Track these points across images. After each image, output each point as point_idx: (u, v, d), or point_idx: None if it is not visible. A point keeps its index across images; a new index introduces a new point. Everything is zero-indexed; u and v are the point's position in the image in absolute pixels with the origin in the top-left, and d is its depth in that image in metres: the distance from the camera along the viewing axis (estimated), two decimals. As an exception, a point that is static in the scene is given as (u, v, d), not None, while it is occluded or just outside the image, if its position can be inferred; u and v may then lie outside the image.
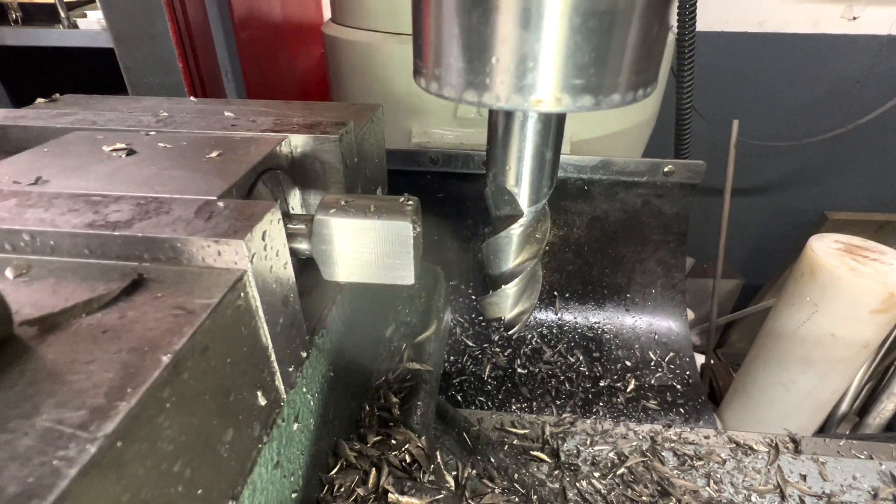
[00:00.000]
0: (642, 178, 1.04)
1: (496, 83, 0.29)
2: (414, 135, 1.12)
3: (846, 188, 2.27)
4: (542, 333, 1.08)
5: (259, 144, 0.50)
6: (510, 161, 0.39)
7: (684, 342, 1.06)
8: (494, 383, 0.96)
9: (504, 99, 0.30)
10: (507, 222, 0.44)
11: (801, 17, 1.95)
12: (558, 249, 1.11)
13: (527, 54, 0.27)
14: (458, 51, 0.29)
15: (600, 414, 0.91)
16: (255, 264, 0.34)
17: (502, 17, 0.27)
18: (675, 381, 0.97)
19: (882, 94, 1.87)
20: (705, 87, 2.04)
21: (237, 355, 0.33)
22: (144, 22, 1.23)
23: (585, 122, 1.14)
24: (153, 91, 1.33)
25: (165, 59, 1.28)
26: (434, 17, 0.30)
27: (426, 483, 0.59)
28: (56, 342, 0.27)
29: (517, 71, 0.28)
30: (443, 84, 0.32)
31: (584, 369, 1.00)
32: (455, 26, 0.29)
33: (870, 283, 0.98)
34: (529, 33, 0.27)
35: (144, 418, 0.25)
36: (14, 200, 0.37)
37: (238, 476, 0.35)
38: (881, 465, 0.71)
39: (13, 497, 0.20)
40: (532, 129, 0.36)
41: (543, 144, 0.37)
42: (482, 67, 0.29)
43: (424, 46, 0.31)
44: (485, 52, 0.28)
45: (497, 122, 0.37)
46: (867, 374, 1.42)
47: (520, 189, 0.41)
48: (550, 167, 0.40)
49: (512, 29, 0.27)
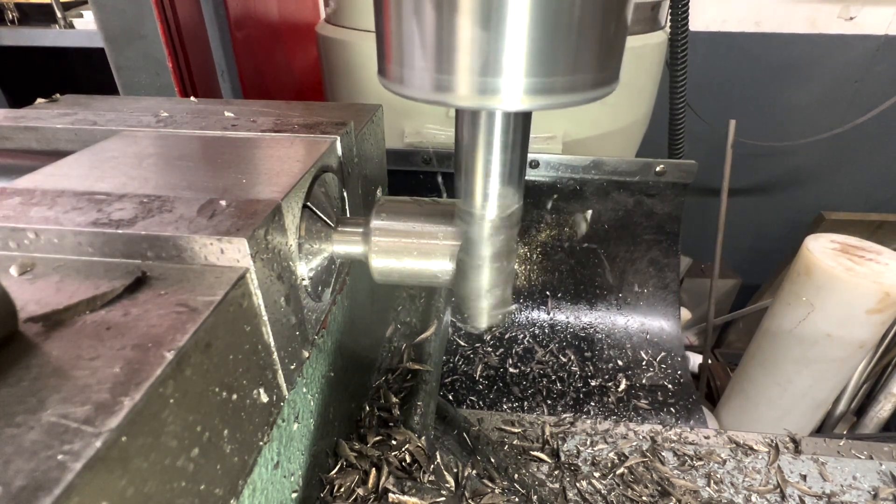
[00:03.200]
0: (634, 177, 1.04)
1: (459, 83, 0.29)
2: (406, 134, 1.12)
3: (844, 188, 2.28)
4: (535, 333, 1.09)
5: (311, 146, 0.50)
6: (477, 163, 0.38)
7: (676, 342, 1.07)
8: (486, 383, 0.97)
9: (467, 98, 0.29)
10: (477, 234, 0.42)
11: (798, 17, 1.97)
12: (550, 249, 1.11)
13: (488, 53, 0.27)
14: (420, 51, 0.29)
15: (591, 413, 0.91)
16: (257, 262, 0.35)
17: (462, 17, 0.27)
18: (666, 381, 0.98)
19: (879, 93, 1.88)
20: (703, 87, 2.05)
21: (239, 352, 0.34)
22: (134, 21, 1.23)
23: (578, 123, 1.14)
24: (144, 91, 1.33)
25: (156, 59, 1.28)
26: (394, 16, 0.29)
27: (426, 483, 0.59)
28: (61, 339, 0.27)
29: (480, 70, 0.28)
30: (405, 84, 0.31)
31: (576, 369, 1.00)
32: (415, 26, 0.29)
33: (865, 283, 0.98)
34: (489, 32, 0.27)
35: (148, 414, 0.25)
36: (18, 199, 0.37)
37: (240, 473, 0.35)
38: (881, 465, 0.72)
39: (20, 490, 0.20)
40: (498, 129, 0.36)
41: (510, 144, 0.37)
42: (444, 67, 0.29)
43: (386, 46, 0.31)
44: (446, 51, 0.28)
45: (463, 122, 0.37)
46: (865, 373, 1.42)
47: (489, 194, 0.39)
48: (518, 168, 0.39)
49: (472, 28, 0.27)
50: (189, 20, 1.35)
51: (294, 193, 0.42)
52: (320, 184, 0.48)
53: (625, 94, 1.17)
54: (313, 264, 0.46)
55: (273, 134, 0.54)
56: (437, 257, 0.47)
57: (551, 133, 1.11)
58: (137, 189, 0.40)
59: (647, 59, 1.16)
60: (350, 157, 0.57)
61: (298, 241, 0.43)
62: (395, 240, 0.47)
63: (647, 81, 1.23)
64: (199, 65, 1.43)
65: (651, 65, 1.19)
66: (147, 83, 1.32)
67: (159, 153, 0.49)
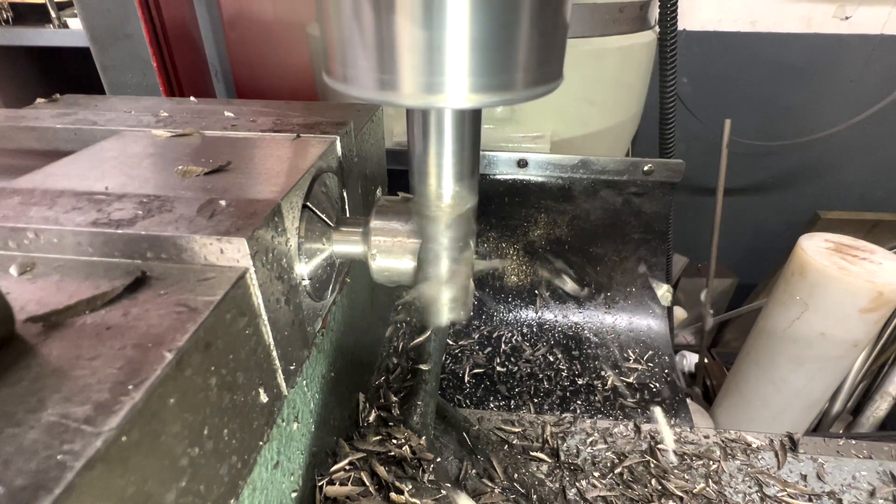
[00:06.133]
0: (622, 177, 1.04)
1: (403, 82, 0.29)
2: (395, 134, 1.12)
3: (839, 187, 2.29)
4: (523, 332, 1.09)
5: (311, 146, 0.50)
6: (429, 162, 0.38)
7: (663, 341, 1.07)
8: (473, 381, 0.97)
9: (412, 97, 0.29)
10: (433, 231, 0.42)
11: (793, 16, 1.97)
12: (540, 248, 1.11)
13: (431, 52, 0.27)
14: (362, 50, 0.29)
15: (577, 412, 0.92)
16: (257, 262, 0.35)
17: (400, 16, 0.27)
18: (653, 380, 0.98)
19: (874, 93, 1.89)
20: (698, 86, 2.06)
21: (239, 352, 0.34)
22: (119, 21, 1.23)
23: (567, 122, 1.14)
24: (131, 91, 1.33)
25: (141, 59, 1.28)
26: (336, 15, 0.29)
27: (426, 483, 0.59)
28: (61, 339, 0.27)
29: (423, 69, 0.28)
30: (350, 83, 0.31)
31: (563, 368, 1.01)
32: (356, 26, 0.28)
33: (859, 282, 0.99)
34: (431, 31, 0.27)
35: (148, 413, 0.25)
36: (18, 198, 0.37)
37: (239, 473, 0.35)
38: (880, 465, 0.72)
39: (20, 489, 0.20)
40: (448, 126, 0.35)
41: (460, 142, 0.37)
42: (387, 66, 0.29)
43: (329, 45, 0.31)
44: (388, 51, 0.28)
45: (412, 121, 0.37)
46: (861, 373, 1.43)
47: (442, 192, 0.39)
48: (470, 165, 0.39)
49: (413, 28, 0.27)
50: (177, 20, 1.34)
51: (294, 193, 0.42)
52: (320, 183, 0.48)
53: (614, 94, 1.18)
54: (313, 264, 0.46)
55: (273, 134, 0.54)
56: None
57: (540, 132, 1.11)
58: (137, 189, 0.40)
59: (636, 58, 1.16)
60: (350, 156, 0.58)
61: (298, 240, 0.43)
62: (394, 240, 0.48)
63: (637, 81, 1.23)
64: (191, 65, 1.42)
65: (640, 64, 1.20)
66: (134, 83, 1.31)
67: (159, 153, 0.48)
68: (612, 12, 1.06)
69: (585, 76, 1.09)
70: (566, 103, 1.12)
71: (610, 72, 1.12)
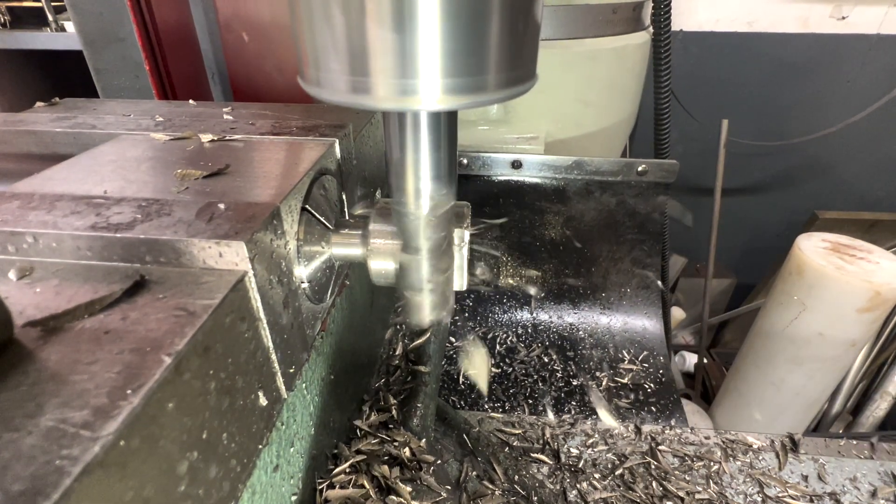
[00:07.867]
0: (616, 177, 1.05)
1: (376, 85, 0.29)
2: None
3: (837, 187, 2.29)
4: (518, 333, 1.09)
5: (309, 149, 0.50)
6: (406, 163, 0.38)
7: (658, 341, 1.08)
8: (467, 382, 0.97)
9: (385, 100, 0.29)
10: (413, 231, 0.42)
11: (790, 16, 1.98)
12: (535, 249, 1.12)
13: (403, 55, 0.28)
14: (335, 54, 0.29)
15: (571, 413, 0.92)
16: (256, 265, 0.34)
17: (371, 20, 0.27)
18: (647, 381, 0.98)
19: (872, 93, 1.89)
20: (695, 87, 2.06)
21: (238, 356, 0.34)
22: (112, 24, 1.23)
23: (561, 123, 1.14)
24: (124, 94, 1.33)
25: (134, 62, 1.28)
26: (307, 19, 0.29)
27: (426, 484, 0.59)
28: (59, 343, 0.27)
29: (395, 72, 0.28)
30: (323, 87, 0.31)
31: (558, 368, 1.01)
32: (328, 30, 0.29)
33: (856, 282, 0.99)
34: (402, 35, 0.27)
35: (146, 418, 0.25)
36: (17, 203, 0.37)
37: (239, 476, 0.35)
38: (881, 465, 0.72)
39: (18, 495, 0.20)
40: (423, 128, 0.35)
41: (436, 143, 0.37)
42: (360, 70, 0.29)
43: (302, 49, 0.31)
44: (360, 54, 0.28)
45: (388, 123, 0.37)
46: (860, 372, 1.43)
47: (420, 193, 0.39)
48: (447, 166, 0.39)
49: (384, 32, 0.27)
50: (171, 23, 1.34)
51: (292, 196, 0.42)
52: (319, 186, 0.48)
53: (608, 95, 1.18)
54: (312, 267, 0.46)
55: (272, 137, 0.54)
56: None
57: (534, 133, 1.11)
58: (136, 192, 0.40)
59: (630, 59, 1.17)
60: (349, 159, 0.58)
61: (297, 243, 0.43)
62: (394, 242, 0.48)
63: (631, 82, 1.23)
64: (186, 68, 1.42)
65: (634, 65, 1.20)
66: (126, 86, 1.31)
67: (158, 156, 0.48)
68: (606, 13, 1.07)
69: (579, 77, 1.10)
70: (560, 104, 1.13)
71: (604, 73, 1.12)
